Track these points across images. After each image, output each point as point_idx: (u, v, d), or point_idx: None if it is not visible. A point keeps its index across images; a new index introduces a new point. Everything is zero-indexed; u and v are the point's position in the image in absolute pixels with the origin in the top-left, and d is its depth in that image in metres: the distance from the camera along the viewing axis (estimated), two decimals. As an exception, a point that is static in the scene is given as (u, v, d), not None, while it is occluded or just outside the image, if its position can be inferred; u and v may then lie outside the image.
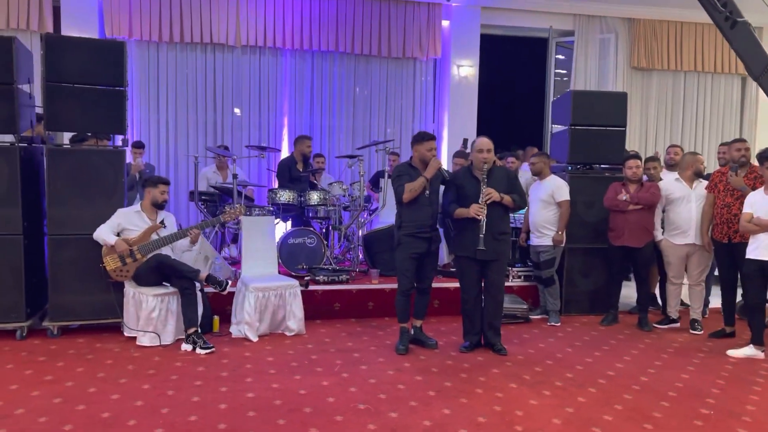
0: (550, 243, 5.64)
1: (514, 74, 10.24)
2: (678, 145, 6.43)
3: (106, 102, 4.96)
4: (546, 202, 5.64)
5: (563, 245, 5.75)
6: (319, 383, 3.98)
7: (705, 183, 5.45)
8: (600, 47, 9.00)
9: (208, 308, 5.14)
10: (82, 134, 5.41)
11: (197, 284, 4.85)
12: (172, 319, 4.82)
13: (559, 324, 5.65)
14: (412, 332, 4.88)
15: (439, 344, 4.86)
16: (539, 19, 8.81)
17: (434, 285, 5.02)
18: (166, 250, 4.95)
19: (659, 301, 6.14)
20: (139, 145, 6.94)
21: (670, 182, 5.54)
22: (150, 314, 4.74)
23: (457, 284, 5.01)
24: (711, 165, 8.97)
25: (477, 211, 4.50)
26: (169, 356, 4.49)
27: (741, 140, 5.25)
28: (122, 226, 4.88)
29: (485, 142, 4.65)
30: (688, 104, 9.26)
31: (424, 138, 4.68)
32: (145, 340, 4.73)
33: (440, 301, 5.75)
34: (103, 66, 4.93)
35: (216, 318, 5.18)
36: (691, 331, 5.44)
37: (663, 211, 5.62)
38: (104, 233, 4.80)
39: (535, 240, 5.74)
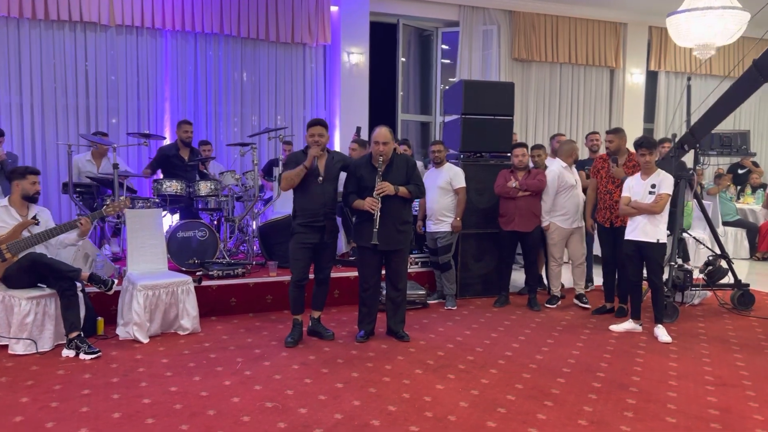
0: (449, 229, 5.74)
1: (405, 62, 10.28)
2: (563, 134, 6.78)
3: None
4: (444, 189, 5.72)
5: (460, 231, 5.88)
6: (220, 383, 3.80)
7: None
8: (483, 38, 9.28)
9: (91, 309, 4.75)
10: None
11: (78, 284, 4.46)
12: (50, 324, 4.40)
13: (455, 307, 5.79)
14: (311, 324, 4.79)
15: (342, 334, 4.82)
16: (427, 9, 8.93)
17: (333, 275, 4.96)
18: (40, 249, 4.50)
19: (545, 281, 6.48)
20: (-3, 133, 6.24)
21: (561, 171, 5.80)
22: (24, 319, 4.29)
23: (356, 273, 4.97)
24: (584, 152, 9.58)
25: (371, 205, 4.47)
26: (48, 364, 4.09)
27: (615, 130, 5.57)
28: (-14, 224, 4.38)
29: (381, 134, 4.53)
30: (564, 94, 9.78)
31: (310, 124, 4.53)
32: (18, 348, 4.28)
33: (340, 290, 5.69)
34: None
35: (100, 320, 4.80)
36: (579, 303, 5.80)
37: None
38: (-35, 232, 4.29)
39: (433, 227, 5.82)
